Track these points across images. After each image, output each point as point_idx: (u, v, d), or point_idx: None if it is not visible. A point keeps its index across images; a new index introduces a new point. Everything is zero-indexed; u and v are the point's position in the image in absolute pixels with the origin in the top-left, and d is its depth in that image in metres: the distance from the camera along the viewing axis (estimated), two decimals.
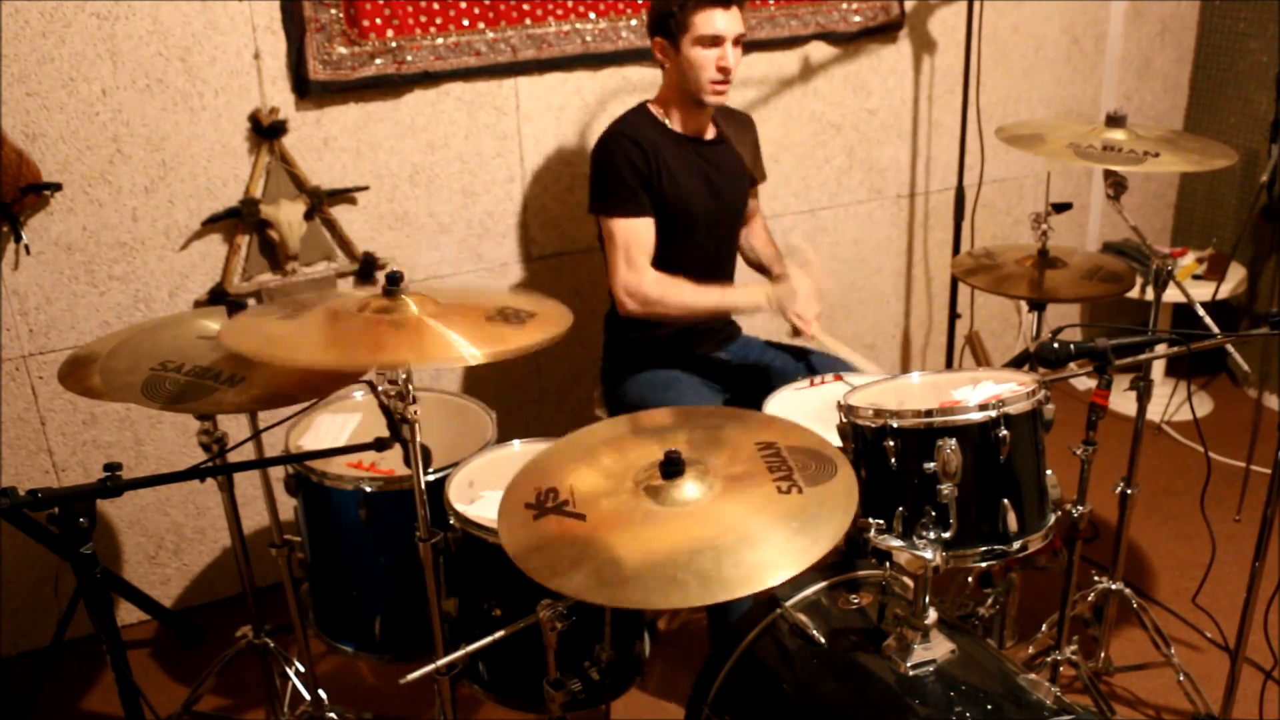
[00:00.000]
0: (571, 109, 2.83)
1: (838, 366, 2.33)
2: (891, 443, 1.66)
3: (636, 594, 1.34)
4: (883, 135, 3.31)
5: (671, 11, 2.23)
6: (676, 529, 1.41)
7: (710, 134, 2.43)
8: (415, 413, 1.52)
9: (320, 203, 2.59)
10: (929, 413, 1.65)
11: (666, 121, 2.36)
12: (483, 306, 1.62)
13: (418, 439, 1.56)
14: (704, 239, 2.40)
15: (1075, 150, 2.04)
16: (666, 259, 2.37)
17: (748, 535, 1.41)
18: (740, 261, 2.61)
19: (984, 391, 1.74)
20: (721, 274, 2.50)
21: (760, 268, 2.66)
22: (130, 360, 1.78)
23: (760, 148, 2.59)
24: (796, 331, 2.26)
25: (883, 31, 3.17)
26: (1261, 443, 3.09)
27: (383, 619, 2.02)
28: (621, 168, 2.27)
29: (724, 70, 2.25)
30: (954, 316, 3.33)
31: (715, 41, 2.23)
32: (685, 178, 2.33)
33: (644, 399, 2.34)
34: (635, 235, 2.28)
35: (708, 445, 1.59)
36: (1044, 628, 2.37)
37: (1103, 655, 2.37)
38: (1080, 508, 1.97)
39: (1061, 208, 2.38)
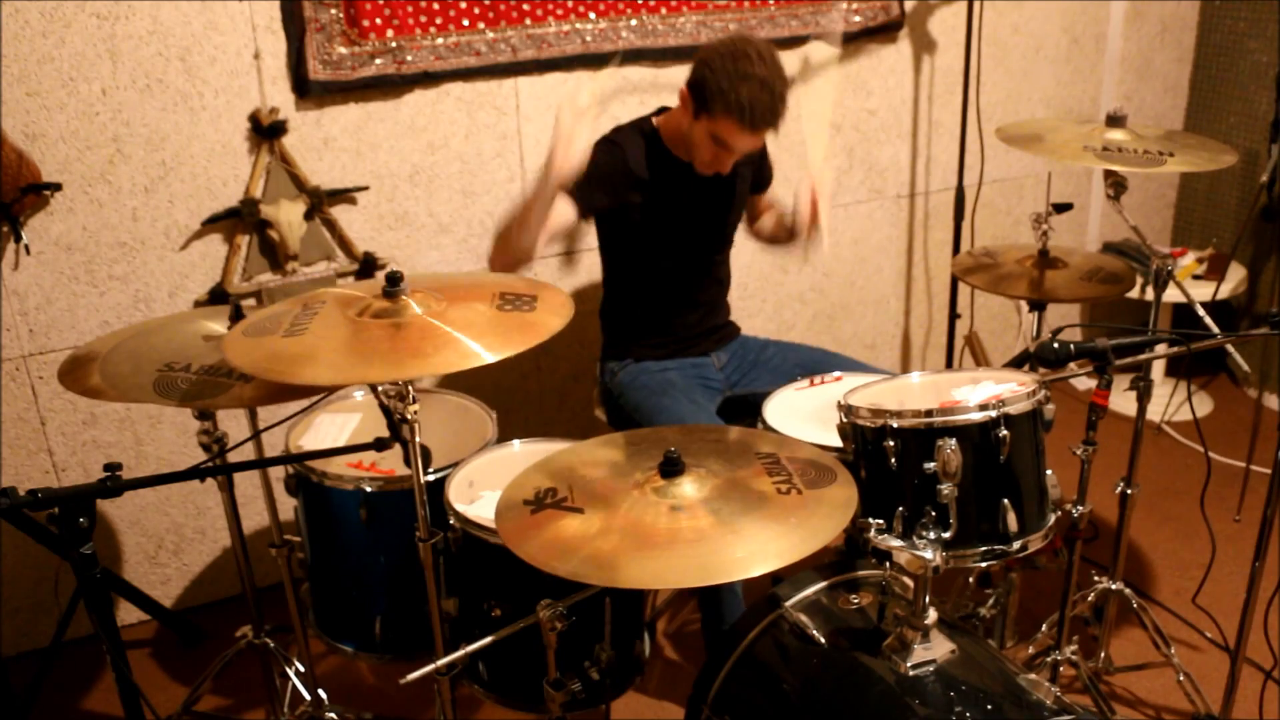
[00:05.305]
0: None
1: (836, 366, 2.34)
2: (891, 443, 1.66)
3: (631, 575, 1.35)
4: (883, 135, 3.31)
5: (709, 90, 2.09)
6: (676, 521, 1.43)
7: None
8: (415, 413, 1.52)
9: (320, 203, 2.59)
10: (929, 413, 1.65)
11: (671, 148, 2.29)
12: (482, 297, 1.61)
13: (418, 439, 1.56)
14: (676, 257, 2.39)
15: (1094, 152, 2.01)
16: (638, 267, 2.40)
17: (745, 527, 1.42)
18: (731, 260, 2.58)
19: (984, 391, 1.74)
20: (696, 290, 2.45)
21: (776, 238, 2.56)
22: (132, 363, 1.77)
23: (767, 151, 2.53)
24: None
25: (883, 31, 3.17)
26: (1261, 443, 3.09)
27: (383, 619, 2.02)
28: (592, 164, 2.07)
29: (718, 169, 2.23)
30: (954, 316, 3.33)
31: (725, 146, 2.17)
32: (665, 202, 2.30)
33: (639, 404, 2.33)
34: (557, 211, 2.11)
35: (708, 454, 1.60)
36: (1044, 628, 2.37)
37: (1103, 655, 2.37)
38: (1080, 508, 1.96)
39: (1062, 208, 2.39)
